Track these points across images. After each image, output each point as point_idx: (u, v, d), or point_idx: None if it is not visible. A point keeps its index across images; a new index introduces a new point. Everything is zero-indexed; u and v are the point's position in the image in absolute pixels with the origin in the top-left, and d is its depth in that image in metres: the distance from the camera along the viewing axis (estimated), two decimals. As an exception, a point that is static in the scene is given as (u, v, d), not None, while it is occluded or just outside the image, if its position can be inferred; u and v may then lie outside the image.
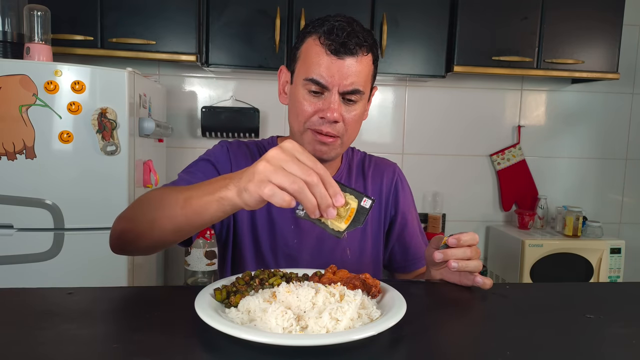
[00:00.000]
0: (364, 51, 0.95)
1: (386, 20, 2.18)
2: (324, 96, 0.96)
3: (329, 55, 0.94)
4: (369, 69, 0.98)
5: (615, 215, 2.83)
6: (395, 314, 0.65)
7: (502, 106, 2.69)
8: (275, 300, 0.68)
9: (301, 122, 0.99)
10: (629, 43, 2.64)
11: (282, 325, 0.62)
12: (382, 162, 1.20)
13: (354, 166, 1.15)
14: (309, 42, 0.97)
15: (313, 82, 0.95)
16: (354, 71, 0.94)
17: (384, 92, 2.60)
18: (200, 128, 2.43)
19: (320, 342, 0.58)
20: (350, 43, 0.93)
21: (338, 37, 0.93)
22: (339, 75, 0.94)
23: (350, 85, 0.95)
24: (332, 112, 0.95)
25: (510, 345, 0.65)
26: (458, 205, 2.68)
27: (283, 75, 1.06)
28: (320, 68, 0.94)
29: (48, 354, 0.60)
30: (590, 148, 2.77)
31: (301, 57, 0.99)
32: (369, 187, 1.13)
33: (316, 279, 0.77)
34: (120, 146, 1.72)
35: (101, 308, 0.77)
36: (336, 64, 0.94)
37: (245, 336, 0.59)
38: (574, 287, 1.10)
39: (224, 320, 0.64)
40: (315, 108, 0.97)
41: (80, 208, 1.71)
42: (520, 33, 2.27)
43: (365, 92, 0.99)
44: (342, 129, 0.98)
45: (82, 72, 1.67)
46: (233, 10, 2.13)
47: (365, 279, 0.75)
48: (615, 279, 2.38)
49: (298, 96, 0.98)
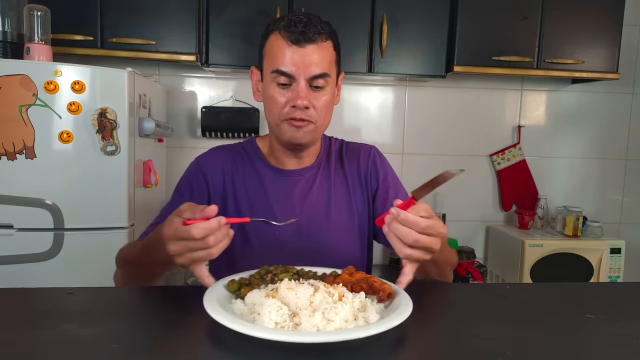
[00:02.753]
0: (323, 38, 1.01)
1: (386, 20, 2.18)
2: (292, 87, 1.01)
3: (291, 46, 0.99)
4: (331, 54, 1.03)
5: (615, 215, 2.82)
6: (388, 322, 0.64)
7: (502, 106, 2.68)
8: (277, 296, 0.70)
9: (275, 114, 1.04)
10: (629, 43, 2.64)
11: (275, 320, 0.64)
12: (359, 145, 1.22)
13: (333, 154, 1.18)
14: (271, 39, 1.02)
15: (279, 74, 1.00)
16: (317, 57, 1.00)
17: (384, 92, 2.60)
18: (200, 128, 2.43)
19: (300, 340, 0.59)
20: (308, 32, 0.98)
21: (296, 27, 0.98)
22: (302, 63, 0.99)
23: (315, 71, 1.00)
24: (302, 99, 1.00)
25: (510, 345, 0.65)
26: (458, 205, 2.68)
27: (254, 75, 1.11)
28: (284, 59, 0.99)
29: (48, 354, 0.60)
30: (591, 148, 2.77)
31: (266, 54, 1.04)
32: (347, 170, 1.16)
33: (331, 279, 0.78)
34: (120, 146, 1.72)
35: (101, 308, 0.77)
36: (298, 52, 0.99)
37: (231, 325, 0.61)
38: (574, 287, 1.11)
39: (220, 309, 0.66)
40: (286, 99, 1.02)
41: (80, 208, 1.71)
42: (520, 33, 2.27)
43: (332, 76, 1.04)
44: (314, 115, 1.03)
45: (82, 72, 1.67)
46: (233, 10, 2.13)
47: (373, 283, 0.75)
48: (615, 279, 2.38)
49: (269, 91, 1.03)
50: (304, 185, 1.12)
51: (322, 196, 1.12)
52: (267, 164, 1.13)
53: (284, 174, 1.12)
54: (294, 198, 1.11)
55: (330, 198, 1.13)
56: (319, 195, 1.12)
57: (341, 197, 1.14)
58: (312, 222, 1.09)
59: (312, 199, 1.12)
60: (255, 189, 1.11)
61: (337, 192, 1.14)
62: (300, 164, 1.13)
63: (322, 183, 1.14)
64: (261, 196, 1.10)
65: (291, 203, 1.10)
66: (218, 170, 1.12)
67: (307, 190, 1.12)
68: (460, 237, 2.68)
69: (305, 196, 1.12)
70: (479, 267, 2.41)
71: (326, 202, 1.12)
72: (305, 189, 1.12)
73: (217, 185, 1.11)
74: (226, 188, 1.11)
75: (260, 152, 1.15)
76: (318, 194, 1.12)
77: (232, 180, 1.11)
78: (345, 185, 1.15)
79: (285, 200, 1.10)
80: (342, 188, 1.14)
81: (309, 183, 1.13)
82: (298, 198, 1.11)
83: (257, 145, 1.17)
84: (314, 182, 1.13)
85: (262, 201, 1.10)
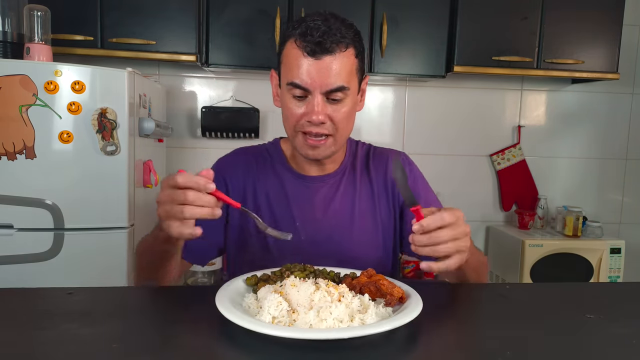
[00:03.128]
0: (342, 47, 0.94)
1: (386, 20, 2.18)
2: (307, 99, 0.96)
3: (306, 57, 0.93)
4: (351, 63, 0.97)
5: (615, 215, 2.82)
6: (382, 326, 0.63)
7: (502, 106, 2.69)
8: (283, 292, 0.72)
9: (291, 126, 1.00)
10: (629, 43, 2.64)
11: (273, 315, 0.67)
12: (387, 151, 1.19)
13: (358, 161, 1.15)
14: (287, 46, 0.97)
15: (294, 86, 0.95)
16: (335, 69, 0.94)
17: (384, 92, 2.60)
18: (200, 128, 2.42)
19: (286, 335, 0.61)
20: (326, 42, 0.92)
21: (313, 37, 0.92)
22: (318, 76, 0.93)
23: (332, 84, 0.94)
24: (317, 115, 0.95)
25: (510, 345, 0.65)
26: (458, 205, 2.62)
27: (274, 79, 1.07)
28: (299, 71, 0.94)
29: (48, 354, 0.60)
30: (590, 148, 2.77)
31: (283, 61, 0.99)
32: (374, 178, 1.12)
33: (349, 280, 0.79)
34: (120, 146, 1.72)
35: (101, 308, 0.77)
36: (314, 65, 0.93)
37: (225, 313, 0.66)
38: (574, 287, 1.11)
39: (225, 300, 0.70)
40: (301, 112, 0.97)
41: (80, 208, 1.71)
42: (520, 33, 2.27)
43: (352, 87, 0.98)
44: (331, 128, 0.98)
45: (82, 72, 1.67)
46: (233, 10, 2.13)
47: (381, 286, 0.75)
48: (615, 279, 2.38)
49: (285, 101, 0.99)
50: (326, 192, 1.09)
51: (346, 204, 1.09)
52: (289, 169, 1.11)
53: (306, 180, 1.10)
54: (316, 205, 1.08)
55: (354, 206, 1.09)
56: (342, 202, 1.09)
57: (365, 206, 1.10)
58: (334, 230, 1.07)
59: (336, 206, 1.08)
60: (276, 195, 1.08)
61: (362, 201, 1.10)
62: (322, 170, 1.10)
63: (346, 190, 1.10)
64: (282, 202, 1.08)
65: (312, 210, 1.08)
66: (239, 174, 1.09)
67: (331, 197, 1.09)
68: (460, 237, 2.68)
69: (329, 203, 1.09)
70: (479, 267, 2.41)
71: (350, 210, 1.09)
72: (328, 195, 1.09)
73: (236, 189, 1.09)
74: (246, 192, 1.09)
75: (283, 155, 1.13)
76: (342, 202, 1.09)
77: (254, 184, 1.09)
78: (371, 193, 1.11)
79: (307, 207, 1.08)
80: (367, 197, 1.11)
81: (332, 190, 1.10)
82: (320, 205, 1.08)
83: (280, 148, 1.14)
84: (338, 189, 1.10)
85: (283, 207, 1.07)
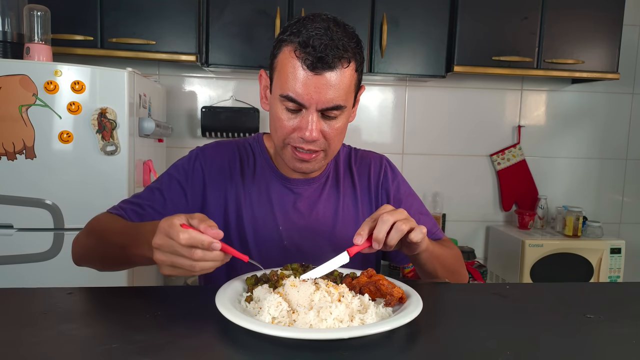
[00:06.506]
0: (344, 62, 0.88)
1: (386, 20, 2.18)
2: (301, 113, 0.91)
3: (305, 71, 0.86)
4: (350, 79, 0.91)
5: (615, 215, 2.82)
6: (382, 326, 0.63)
7: (502, 106, 2.69)
8: (282, 292, 0.72)
9: (280, 138, 0.95)
10: (629, 43, 2.64)
11: (272, 315, 0.66)
12: (368, 154, 1.16)
13: (341, 162, 1.12)
14: (284, 52, 0.90)
15: (289, 100, 0.89)
16: (334, 87, 0.88)
17: (384, 92, 2.60)
18: (200, 128, 2.43)
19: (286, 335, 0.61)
20: (327, 57, 0.85)
21: (314, 50, 0.85)
22: (316, 93, 0.87)
23: (330, 102, 0.89)
24: (311, 132, 0.90)
25: (510, 345, 0.65)
26: (458, 205, 2.68)
27: (263, 80, 1.00)
28: (296, 84, 0.87)
29: (48, 354, 0.60)
30: (590, 148, 2.77)
31: (277, 68, 0.92)
32: (357, 182, 1.11)
33: (349, 280, 0.79)
34: (120, 146, 1.72)
35: (101, 308, 0.77)
36: (313, 80, 0.87)
37: (224, 312, 0.66)
38: (574, 287, 1.11)
39: (225, 300, 0.70)
40: (293, 125, 0.92)
41: (80, 208, 1.71)
42: (520, 33, 2.27)
43: (348, 104, 0.93)
44: (323, 144, 0.94)
45: (82, 72, 1.67)
46: (233, 10, 2.13)
47: (380, 286, 0.75)
48: (615, 279, 2.38)
49: (276, 111, 0.93)
50: (310, 196, 1.07)
51: (330, 209, 1.07)
52: (274, 171, 1.07)
53: (290, 183, 1.06)
54: (300, 209, 1.06)
55: (338, 211, 1.07)
56: (326, 207, 1.07)
57: (349, 211, 1.08)
58: (316, 235, 1.05)
59: (319, 212, 1.06)
60: (259, 199, 1.05)
61: (345, 205, 1.08)
62: (307, 174, 1.07)
63: (330, 195, 1.08)
64: (266, 206, 1.05)
65: (296, 213, 1.05)
66: (218, 164, 1.05)
67: (314, 201, 1.07)
68: (460, 237, 2.69)
69: (312, 207, 1.06)
70: (479, 267, 2.41)
71: (333, 215, 1.07)
72: (312, 199, 1.07)
73: (215, 179, 1.04)
74: (227, 184, 1.05)
75: (267, 153, 1.09)
76: (325, 206, 1.07)
77: (236, 187, 1.05)
78: (354, 198, 1.09)
79: (291, 211, 1.06)
80: (350, 201, 1.09)
81: (317, 194, 1.08)
82: (304, 209, 1.06)
83: (264, 145, 1.10)
84: (322, 194, 1.08)
85: (266, 211, 1.05)
